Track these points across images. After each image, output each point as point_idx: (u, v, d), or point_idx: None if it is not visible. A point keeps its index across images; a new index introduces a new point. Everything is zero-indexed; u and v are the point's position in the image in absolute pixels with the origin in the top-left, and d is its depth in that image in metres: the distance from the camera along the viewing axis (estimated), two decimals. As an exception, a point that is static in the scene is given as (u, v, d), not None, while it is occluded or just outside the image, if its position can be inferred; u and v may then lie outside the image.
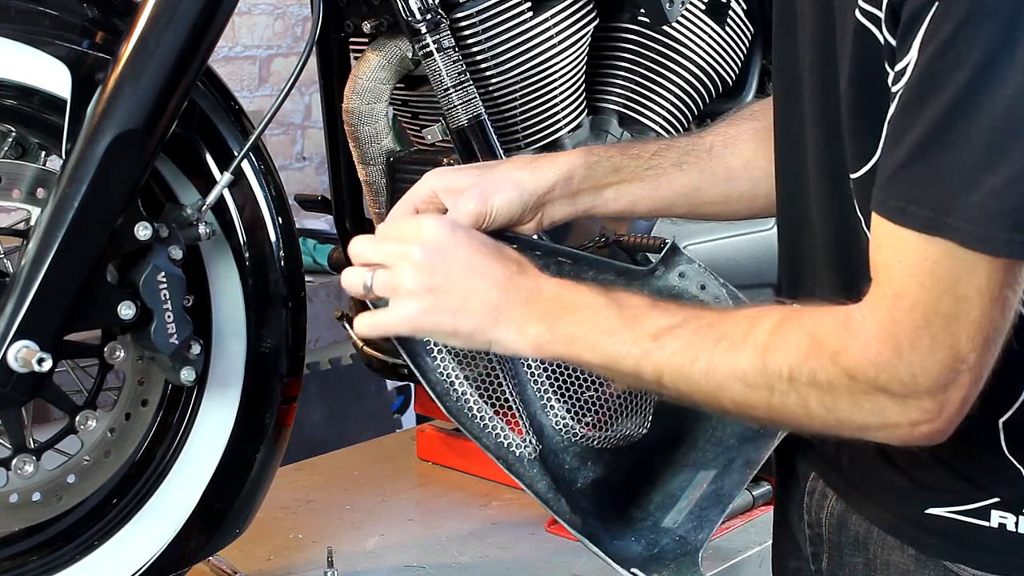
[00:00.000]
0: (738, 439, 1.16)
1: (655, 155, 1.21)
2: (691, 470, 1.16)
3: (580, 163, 1.17)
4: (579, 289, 1.03)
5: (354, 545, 1.78)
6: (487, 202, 1.12)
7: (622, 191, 1.19)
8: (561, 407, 1.14)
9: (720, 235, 1.82)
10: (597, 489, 1.14)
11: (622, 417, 1.17)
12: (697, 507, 1.14)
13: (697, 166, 1.21)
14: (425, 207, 1.14)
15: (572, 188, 1.17)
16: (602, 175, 1.18)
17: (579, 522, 1.08)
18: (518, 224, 1.16)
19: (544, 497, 1.08)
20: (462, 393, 1.11)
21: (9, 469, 1.34)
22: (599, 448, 1.15)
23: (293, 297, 1.53)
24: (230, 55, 3.72)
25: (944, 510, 0.98)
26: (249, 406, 1.49)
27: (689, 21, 1.82)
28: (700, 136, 1.25)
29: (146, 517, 1.45)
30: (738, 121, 1.26)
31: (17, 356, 1.26)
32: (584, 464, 1.14)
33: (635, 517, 1.14)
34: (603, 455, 1.15)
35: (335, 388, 3.18)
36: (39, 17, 1.33)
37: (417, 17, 1.55)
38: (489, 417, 1.10)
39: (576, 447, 1.14)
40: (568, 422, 1.14)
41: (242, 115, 1.50)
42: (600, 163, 1.18)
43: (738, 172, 1.22)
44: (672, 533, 1.13)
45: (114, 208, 1.30)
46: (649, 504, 1.15)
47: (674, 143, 1.24)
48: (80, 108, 1.31)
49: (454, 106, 1.58)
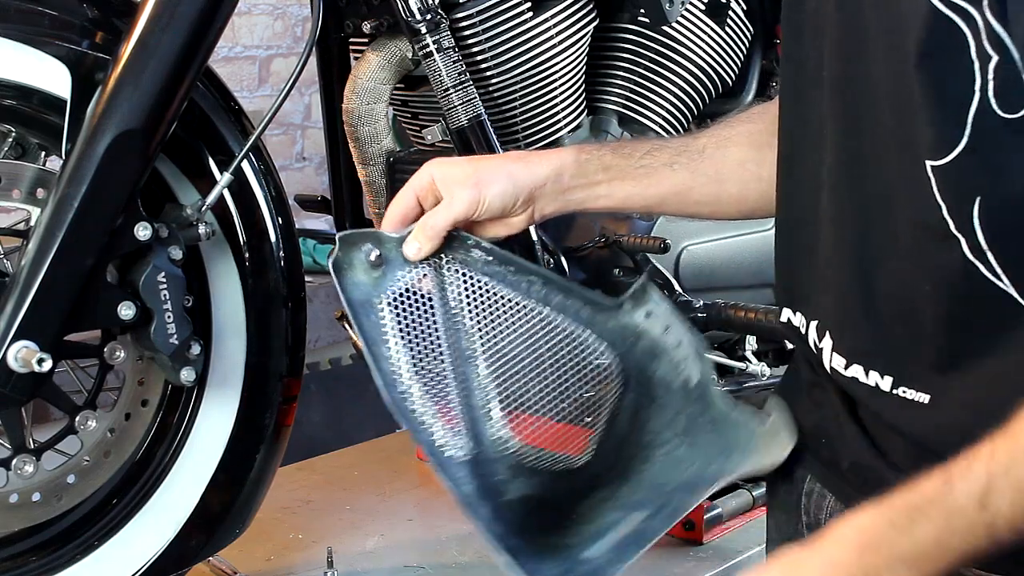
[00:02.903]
0: (677, 486, 1.17)
1: (647, 154, 1.22)
2: (626, 510, 1.16)
3: (571, 160, 1.19)
4: None
5: (354, 545, 1.78)
6: (481, 191, 1.14)
7: (612, 188, 1.21)
8: (503, 418, 1.15)
9: (720, 235, 1.82)
10: (525, 505, 1.14)
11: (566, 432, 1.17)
12: (619, 543, 1.14)
13: (688, 166, 1.22)
14: (425, 195, 1.16)
15: (563, 184, 1.18)
16: (593, 172, 1.20)
17: (500, 532, 1.08)
18: (509, 216, 1.17)
19: (467, 501, 1.08)
20: (408, 387, 1.11)
21: (9, 469, 1.34)
22: (532, 466, 1.14)
23: (293, 297, 1.53)
24: (230, 55, 3.72)
25: None
26: (249, 406, 1.49)
27: (689, 21, 1.82)
28: (695, 137, 1.26)
29: (146, 517, 1.45)
30: (734, 123, 1.26)
31: (17, 356, 1.26)
32: (516, 477, 1.13)
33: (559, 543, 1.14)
34: (537, 473, 1.15)
35: (335, 388, 3.18)
36: (39, 17, 1.33)
37: (417, 17, 1.55)
38: (430, 414, 1.11)
39: (511, 459, 1.13)
40: (507, 433, 1.14)
41: (242, 115, 1.50)
42: (591, 161, 1.20)
43: (729, 174, 1.22)
44: (589, 563, 1.13)
45: (114, 208, 1.30)
46: (577, 534, 1.15)
47: (667, 143, 1.25)
48: (80, 108, 1.31)
49: (454, 106, 1.58)
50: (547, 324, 1.15)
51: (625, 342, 1.16)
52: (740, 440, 1.14)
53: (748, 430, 1.15)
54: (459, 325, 1.14)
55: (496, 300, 1.15)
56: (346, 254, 1.12)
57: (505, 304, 1.15)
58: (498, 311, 1.14)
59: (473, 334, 1.14)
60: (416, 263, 1.13)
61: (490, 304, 1.14)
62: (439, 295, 1.14)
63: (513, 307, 1.15)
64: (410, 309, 1.13)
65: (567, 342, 1.15)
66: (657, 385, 1.17)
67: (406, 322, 1.13)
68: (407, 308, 1.13)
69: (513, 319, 1.15)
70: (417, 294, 1.14)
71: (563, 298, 1.16)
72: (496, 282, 1.15)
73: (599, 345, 1.15)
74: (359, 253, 1.13)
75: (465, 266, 1.15)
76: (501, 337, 1.14)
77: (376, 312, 1.13)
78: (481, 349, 1.14)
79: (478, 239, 1.15)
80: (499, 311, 1.14)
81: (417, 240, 1.13)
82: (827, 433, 1.07)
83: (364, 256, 1.13)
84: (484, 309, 1.14)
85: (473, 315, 1.14)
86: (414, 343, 1.13)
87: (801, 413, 1.13)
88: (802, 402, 1.13)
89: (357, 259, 1.13)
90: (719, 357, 1.88)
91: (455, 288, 1.15)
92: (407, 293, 1.13)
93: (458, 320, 1.14)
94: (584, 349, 1.15)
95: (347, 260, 1.12)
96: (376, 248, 1.13)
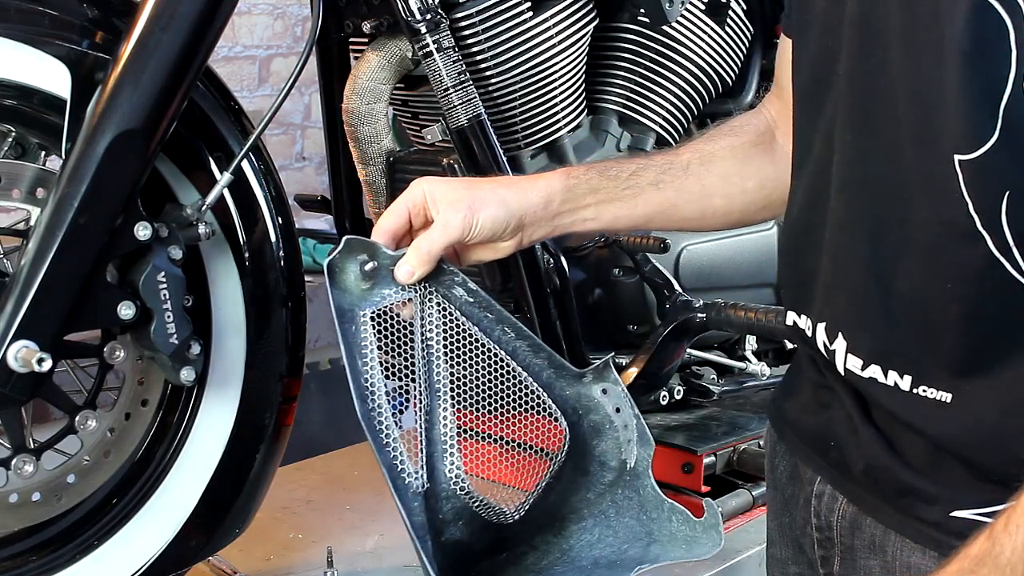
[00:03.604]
0: (592, 563, 1.20)
1: (632, 175, 1.24)
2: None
3: (560, 186, 1.21)
4: None
5: (354, 545, 1.78)
6: (474, 215, 1.15)
7: (600, 211, 1.23)
8: (459, 458, 1.17)
9: (720, 235, 1.82)
10: (455, 550, 1.17)
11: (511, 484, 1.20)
12: None
13: (673, 184, 1.24)
14: (417, 212, 1.17)
15: (552, 210, 1.21)
16: (581, 196, 1.22)
17: (439, 569, 1.10)
18: (499, 241, 1.19)
19: (417, 532, 1.10)
20: (378, 405, 1.13)
21: (9, 469, 1.34)
22: (474, 512, 1.17)
23: (293, 297, 1.53)
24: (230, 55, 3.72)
25: (970, 512, 0.95)
26: (249, 406, 1.49)
27: (689, 21, 1.82)
28: (677, 153, 1.28)
29: (146, 517, 1.45)
30: (716, 137, 1.28)
31: (17, 356, 1.25)
32: (455, 522, 1.16)
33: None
34: (474, 521, 1.17)
35: (335, 388, 3.17)
36: (39, 17, 1.33)
37: (417, 17, 1.55)
38: (395, 436, 1.13)
39: (457, 501, 1.16)
40: (460, 474, 1.16)
41: (242, 115, 1.50)
42: (579, 185, 1.23)
43: (714, 189, 1.25)
44: None
45: (114, 208, 1.30)
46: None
47: (651, 162, 1.27)
48: (80, 108, 1.31)
49: (454, 106, 1.58)
50: (511, 376, 1.18)
51: (577, 412, 1.20)
52: (663, 532, 1.19)
53: (673, 524, 1.19)
54: (432, 357, 1.16)
55: (469, 342, 1.17)
56: (343, 258, 1.13)
57: (476, 347, 1.17)
58: (469, 353, 1.17)
59: (443, 370, 1.17)
60: (404, 286, 1.15)
61: (463, 344, 1.17)
62: (419, 323, 1.16)
63: (483, 352, 1.17)
64: (390, 330, 1.15)
65: (526, 398, 1.18)
66: (593, 460, 1.21)
67: (384, 341, 1.15)
68: (387, 328, 1.15)
69: (481, 363, 1.17)
70: (398, 317, 1.16)
71: (531, 355, 1.20)
72: (472, 324, 1.17)
73: (554, 409, 1.19)
74: (354, 262, 1.13)
75: (447, 300, 1.17)
76: (468, 378, 1.17)
77: (358, 323, 1.14)
78: (449, 386, 1.17)
79: (464, 277, 1.18)
80: (470, 353, 1.17)
81: (410, 263, 1.14)
82: (836, 435, 1.06)
83: (359, 266, 1.14)
84: (457, 347, 1.17)
85: (446, 351, 1.17)
86: (388, 363, 1.15)
87: (805, 415, 1.12)
88: (806, 404, 1.12)
89: (351, 267, 1.14)
90: (719, 357, 1.88)
91: (434, 321, 1.17)
92: (390, 314, 1.15)
93: (432, 352, 1.17)
94: (540, 408, 1.19)
95: (342, 265, 1.13)
96: (372, 260, 1.14)
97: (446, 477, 1.16)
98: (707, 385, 1.85)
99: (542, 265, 1.66)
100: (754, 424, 1.83)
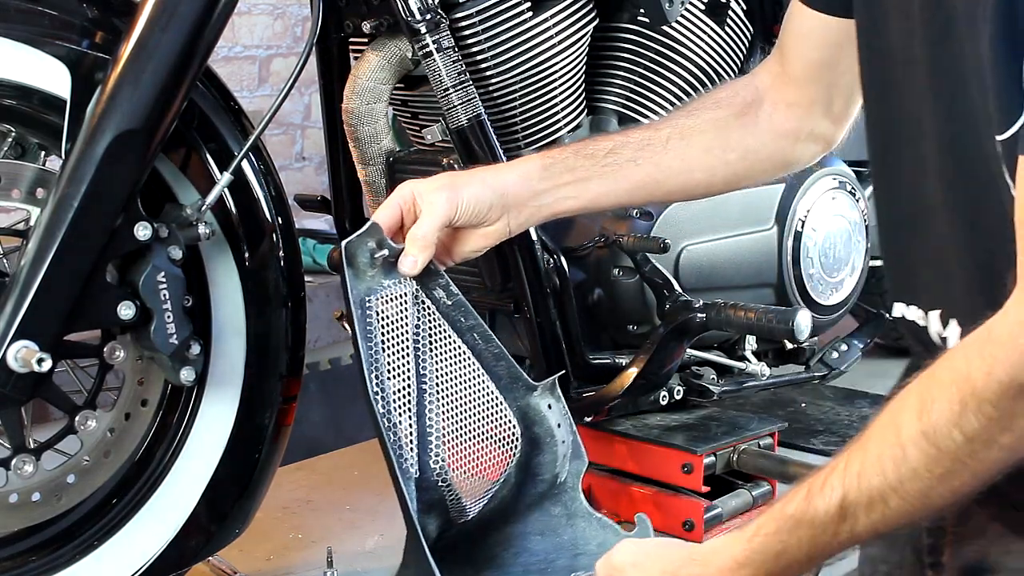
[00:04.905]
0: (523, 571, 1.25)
1: (610, 153, 1.27)
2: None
3: (537, 165, 1.26)
4: None
5: (354, 545, 1.78)
6: (457, 193, 1.20)
7: (580, 189, 1.26)
8: (443, 450, 1.22)
9: (720, 235, 1.82)
10: None
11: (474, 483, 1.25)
12: None
13: (652, 160, 1.27)
14: (408, 209, 1.21)
15: (532, 188, 1.25)
16: (558, 174, 1.26)
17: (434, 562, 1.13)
18: (485, 223, 1.23)
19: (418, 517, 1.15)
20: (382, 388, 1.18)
21: (9, 469, 1.34)
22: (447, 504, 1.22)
23: (293, 297, 1.53)
24: (230, 55, 3.72)
25: None
26: (249, 406, 1.50)
27: (689, 21, 1.82)
28: (657, 128, 1.30)
29: (146, 517, 1.45)
30: (698, 110, 1.30)
31: (17, 356, 1.26)
32: (427, 513, 1.21)
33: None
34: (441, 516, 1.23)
35: (335, 388, 3.18)
36: (39, 17, 1.33)
37: (417, 17, 1.55)
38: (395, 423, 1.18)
39: (435, 492, 1.21)
40: (442, 466, 1.21)
41: (242, 115, 1.50)
42: (555, 164, 1.26)
43: (694, 163, 1.27)
44: None
45: (114, 208, 1.30)
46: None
47: (629, 139, 1.29)
48: (80, 108, 1.31)
49: (454, 106, 1.58)
50: (476, 378, 1.26)
51: (525, 421, 1.28)
52: (592, 543, 1.25)
53: (602, 535, 1.25)
54: (421, 351, 1.22)
55: (446, 340, 1.24)
56: (361, 240, 1.18)
57: (452, 346, 1.25)
58: (446, 351, 1.24)
59: (429, 364, 1.23)
60: (399, 280, 1.20)
61: (441, 342, 1.24)
62: (412, 318, 1.22)
63: (457, 351, 1.25)
64: (391, 319, 1.20)
65: (488, 400, 1.26)
66: (531, 471, 1.28)
67: (387, 328, 1.20)
68: (389, 316, 1.20)
69: (454, 362, 1.25)
70: (399, 306, 1.21)
71: (492, 361, 1.27)
72: (448, 325, 1.25)
73: (509, 414, 1.27)
74: (366, 248, 1.19)
75: (431, 300, 1.24)
76: (445, 374, 1.24)
77: (364, 307, 1.19)
78: (433, 379, 1.23)
79: (448, 280, 1.24)
80: (446, 351, 1.24)
81: (411, 253, 1.19)
82: None
83: (369, 253, 1.19)
84: (437, 344, 1.24)
85: (431, 347, 1.23)
86: (389, 351, 1.20)
87: None
88: None
89: (363, 252, 1.19)
90: (719, 357, 1.88)
91: (421, 317, 1.23)
92: (391, 303, 1.20)
93: (421, 346, 1.22)
94: (499, 411, 1.26)
95: (359, 246, 1.18)
96: (381, 249, 1.19)
97: (430, 467, 1.20)
98: (707, 385, 1.85)
99: (542, 265, 1.66)
100: (754, 424, 1.83)
